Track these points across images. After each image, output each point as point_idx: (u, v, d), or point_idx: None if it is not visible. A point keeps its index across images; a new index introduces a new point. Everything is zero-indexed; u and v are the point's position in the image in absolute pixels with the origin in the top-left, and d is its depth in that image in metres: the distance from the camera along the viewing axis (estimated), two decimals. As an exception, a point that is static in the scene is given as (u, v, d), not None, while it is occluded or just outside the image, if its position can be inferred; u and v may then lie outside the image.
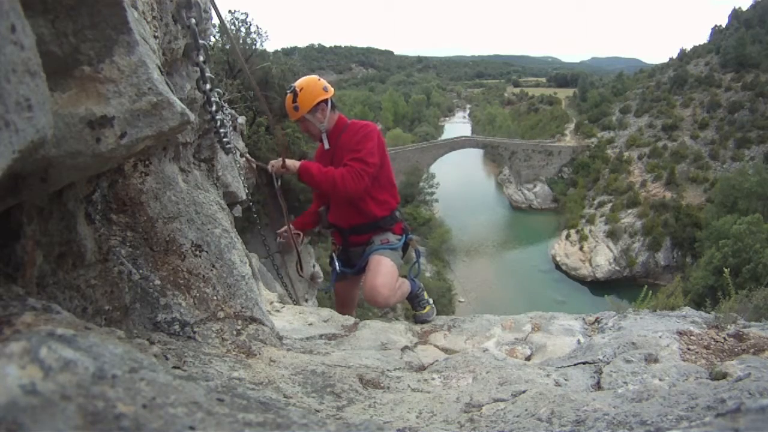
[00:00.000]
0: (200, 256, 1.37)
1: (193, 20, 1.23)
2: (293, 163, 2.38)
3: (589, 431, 0.87)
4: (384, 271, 2.41)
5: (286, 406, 0.58)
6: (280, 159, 2.38)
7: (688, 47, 62.20)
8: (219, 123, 1.64)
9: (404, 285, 2.62)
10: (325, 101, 2.46)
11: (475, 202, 51.65)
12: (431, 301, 2.73)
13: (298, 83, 2.49)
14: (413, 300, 2.70)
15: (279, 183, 2.49)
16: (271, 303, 2.77)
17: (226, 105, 2.23)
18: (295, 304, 3.21)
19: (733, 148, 44.28)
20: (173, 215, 1.34)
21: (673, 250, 37.34)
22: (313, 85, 2.46)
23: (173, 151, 1.56)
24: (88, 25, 0.70)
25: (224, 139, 1.87)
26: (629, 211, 41.67)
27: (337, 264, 2.69)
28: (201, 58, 1.29)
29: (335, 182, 2.33)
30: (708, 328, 1.70)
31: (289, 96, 2.48)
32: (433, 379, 1.46)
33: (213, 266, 1.40)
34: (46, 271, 0.81)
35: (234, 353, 1.24)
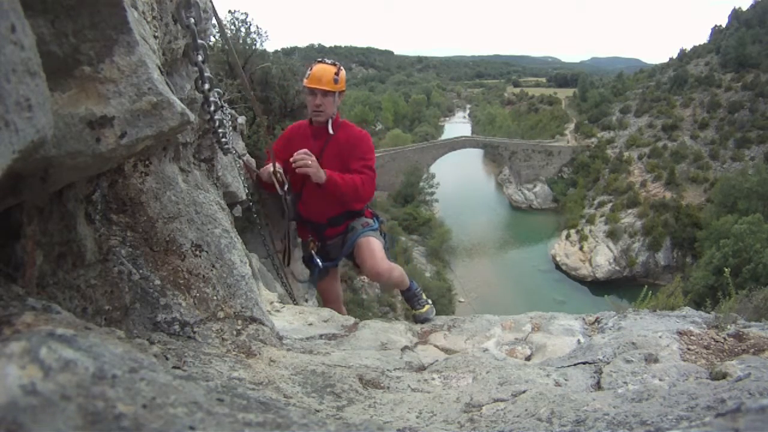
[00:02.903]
0: (200, 256, 1.37)
1: (192, 20, 1.23)
2: (319, 172, 2.34)
3: (589, 431, 0.87)
4: (378, 248, 2.53)
5: (286, 406, 0.58)
6: (303, 159, 2.31)
7: (688, 47, 62.22)
8: (218, 123, 1.64)
9: (397, 267, 2.67)
10: None
11: (475, 202, 51.64)
12: (430, 301, 2.73)
13: (335, 63, 2.55)
14: (411, 299, 2.69)
15: (287, 186, 2.45)
16: (271, 303, 2.77)
17: (226, 105, 2.23)
18: (294, 304, 3.21)
19: (733, 148, 44.29)
20: (173, 215, 1.34)
21: (673, 250, 37.35)
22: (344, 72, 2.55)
23: (173, 151, 1.56)
24: (88, 25, 0.70)
25: (222, 140, 1.87)
26: (629, 211, 41.67)
27: (318, 261, 2.70)
28: (200, 58, 1.29)
29: (357, 189, 2.41)
30: (708, 328, 1.70)
31: (331, 67, 2.48)
32: (433, 379, 1.46)
33: (213, 266, 1.40)
34: (46, 271, 0.81)
35: (234, 353, 1.24)
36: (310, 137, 2.58)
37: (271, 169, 2.45)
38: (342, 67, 2.52)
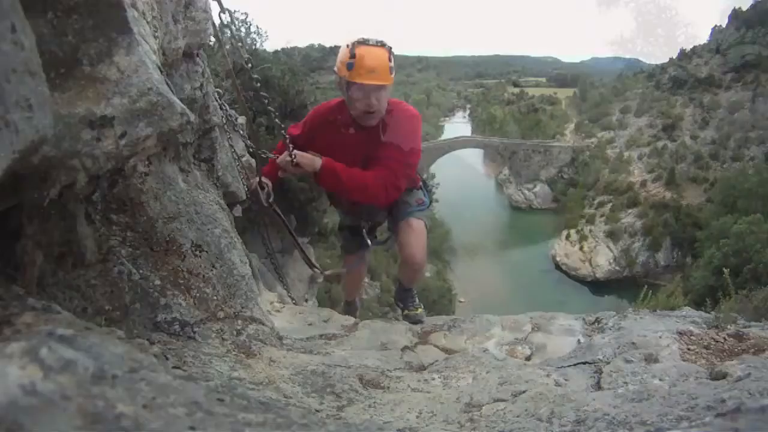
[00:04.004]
0: (200, 256, 1.37)
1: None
2: (310, 159, 1.91)
3: (589, 431, 0.87)
4: (424, 235, 2.23)
5: (286, 406, 0.58)
6: (289, 153, 1.88)
7: (688, 47, 62.14)
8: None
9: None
10: None
11: (475, 202, 51.60)
12: (422, 304, 2.71)
13: (383, 43, 1.92)
14: (407, 299, 2.63)
15: (272, 197, 2.19)
16: (271, 303, 2.77)
17: (226, 105, 2.22)
18: (294, 305, 3.20)
19: (733, 148, 44.27)
20: (173, 215, 1.34)
21: (673, 250, 37.31)
22: None
23: (173, 151, 1.56)
24: (88, 25, 0.70)
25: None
26: (629, 211, 41.64)
27: (368, 241, 2.43)
28: None
29: (366, 187, 1.94)
30: (708, 328, 1.70)
31: (382, 51, 1.89)
32: (433, 379, 1.46)
33: (213, 266, 1.40)
34: (46, 271, 0.81)
35: (234, 353, 1.24)
36: (352, 140, 2.04)
37: (257, 180, 2.19)
38: (392, 48, 1.94)
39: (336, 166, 1.95)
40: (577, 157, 51.58)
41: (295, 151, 1.92)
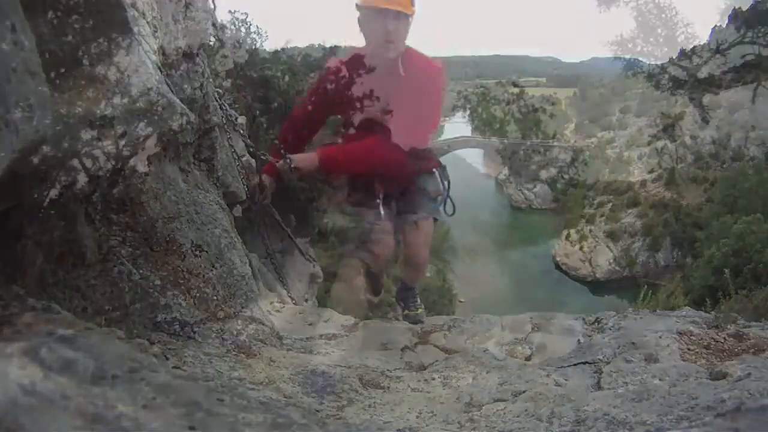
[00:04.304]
0: (200, 256, 1.37)
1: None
2: (307, 159, 1.93)
3: (589, 431, 0.87)
4: (430, 235, 2.21)
5: (286, 406, 0.58)
6: (285, 159, 1.93)
7: (688, 47, 62.10)
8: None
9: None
10: None
11: (475, 202, 51.52)
12: (422, 304, 2.70)
13: None
14: (408, 298, 2.61)
15: (267, 198, 2.20)
16: (271, 303, 2.77)
17: (226, 105, 2.22)
18: (294, 305, 3.20)
19: (733, 148, 44.27)
20: (173, 215, 1.34)
21: (673, 250, 37.30)
22: None
23: (173, 151, 1.56)
24: (88, 25, 0.70)
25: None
26: (629, 211, 41.65)
27: (381, 211, 2.28)
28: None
29: (371, 158, 1.90)
30: (708, 328, 1.70)
31: None
32: (433, 379, 1.46)
33: (213, 266, 1.40)
34: (46, 271, 0.81)
35: (234, 353, 1.24)
36: (354, 138, 2.05)
37: (256, 180, 2.17)
38: None
39: (333, 152, 1.96)
40: (577, 157, 51.55)
41: (291, 155, 1.96)
